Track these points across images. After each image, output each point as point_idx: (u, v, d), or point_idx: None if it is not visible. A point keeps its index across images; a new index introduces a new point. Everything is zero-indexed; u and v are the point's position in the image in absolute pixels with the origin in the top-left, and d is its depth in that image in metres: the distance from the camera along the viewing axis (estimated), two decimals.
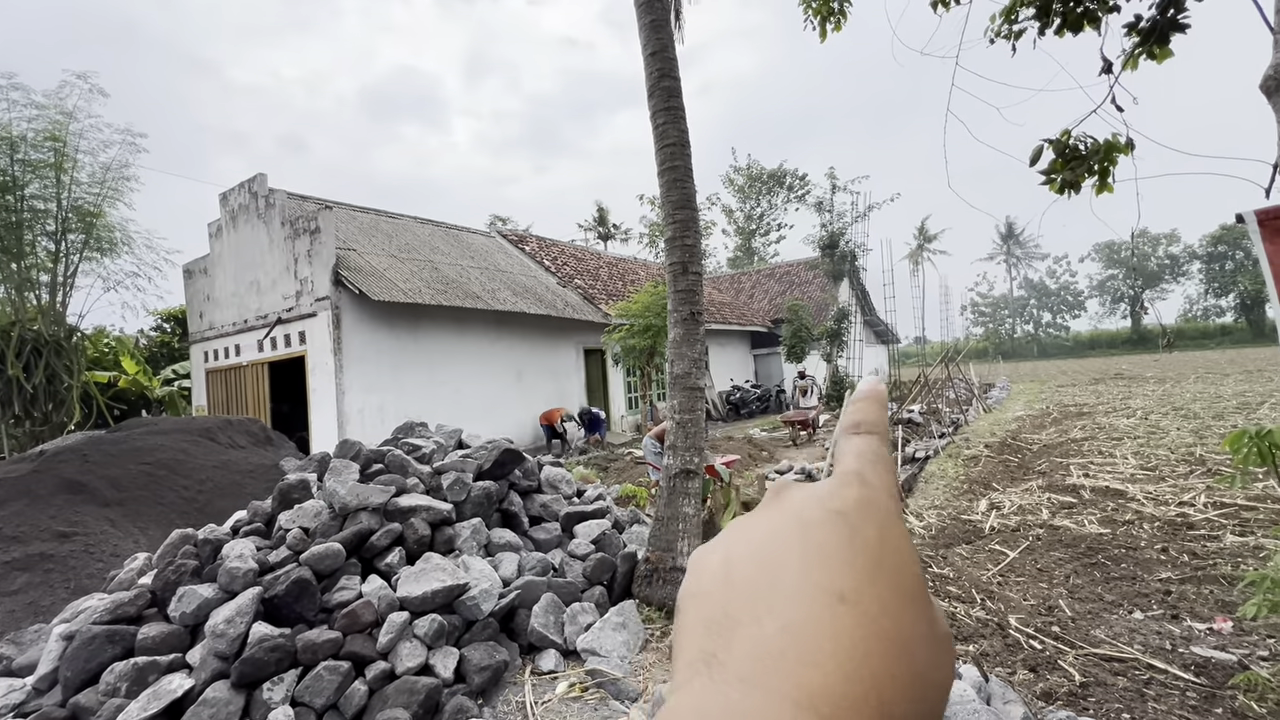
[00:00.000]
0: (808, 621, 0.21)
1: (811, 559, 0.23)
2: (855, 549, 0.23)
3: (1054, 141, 3.37)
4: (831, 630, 0.21)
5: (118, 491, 5.95)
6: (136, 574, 4.03)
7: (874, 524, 0.24)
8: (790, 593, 0.23)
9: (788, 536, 0.25)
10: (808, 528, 0.25)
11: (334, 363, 10.38)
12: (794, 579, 0.23)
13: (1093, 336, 69.25)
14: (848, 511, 0.25)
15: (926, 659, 0.22)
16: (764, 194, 42.51)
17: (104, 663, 3.03)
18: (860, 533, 0.24)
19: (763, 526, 0.26)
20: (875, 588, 0.22)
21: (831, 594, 0.22)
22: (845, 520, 0.24)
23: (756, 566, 0.24)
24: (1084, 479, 7.12)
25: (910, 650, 0.22)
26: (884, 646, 0.21)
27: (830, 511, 0.25)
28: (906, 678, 0.21)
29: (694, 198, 4.64)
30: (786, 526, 0.25)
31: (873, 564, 0.23)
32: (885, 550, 0.24)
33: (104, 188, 12.64)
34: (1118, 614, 3.82)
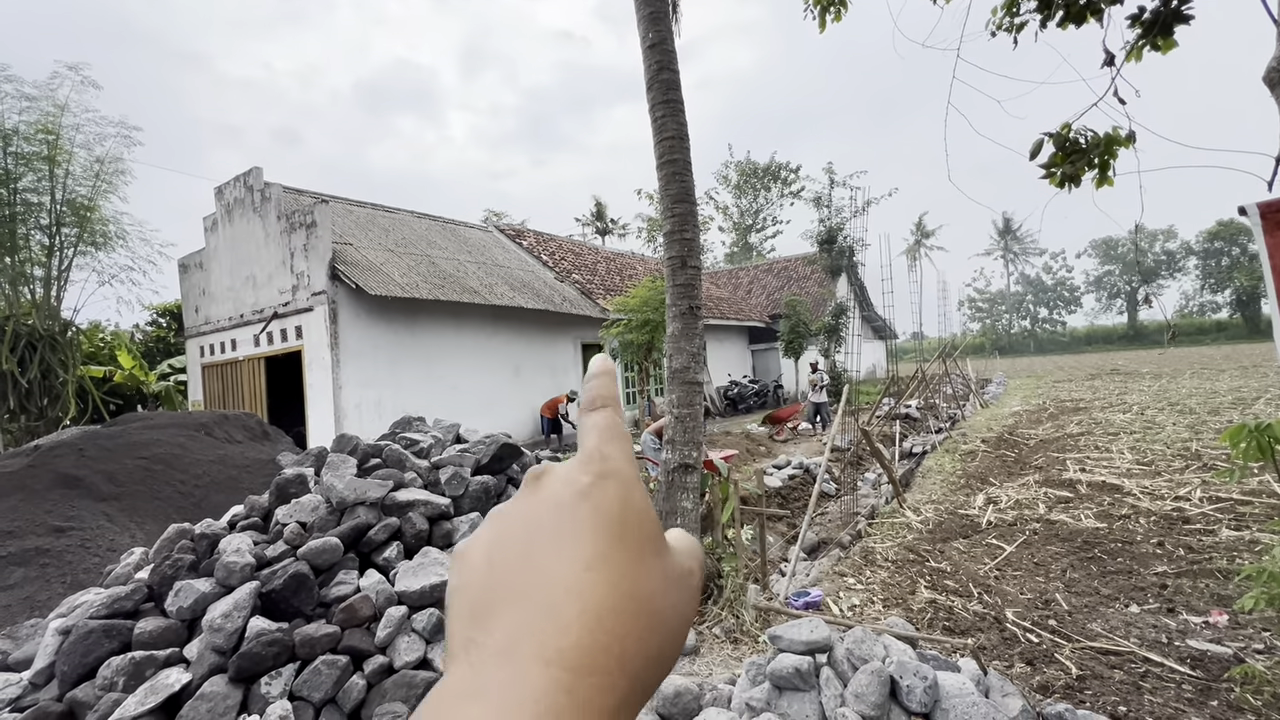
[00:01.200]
0: (558, 594, 0.24)
1: (562, 538, 0.26)
2: (599, 522, 0.26)
3: (1054, 135, 3.36)
4: (579, 598, 0.24)
5: (114, 486, 5.93)
6: (133, 568, 4.02)
7: (615, 496, 0.27)
8: (543, 571, 0.25)
9: (541, 520, 0.27)
10: (559, 509, 0.27)
11: (331, 357, 10.35)
12: (547, 559, 0.25)
13: (1089, 332, 69.47)
14: (592, 488, 0.27)
15: (665, 605, 0.26)
16: (759, 189, 42.48)
17: (101, 657, 3.02)
18: (602, 507, 0.27)
19: (521, 514, 0.28)
20: (617, 554, 0.26)
21: (579, 566, 0.25)
22: (589, 497, 0.27)
23: (514, 552, 0.27)
24: (1080, 474, 7.15)
25: (649, 603, 0.25)
26: (625, 604, 0.24)
27: (577, 492, 0.27)
28: (646, 627, 0.24)
29: (693, 192, 4.62)
30: (541, 511, 0.28)
31: (615, 533, 0.26)
32: (626, 517, 0.27)
33: (98, 181, 12.55)
34: (1114, 607, 3.84)
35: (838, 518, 6.62)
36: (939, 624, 3.77)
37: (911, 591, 4.31)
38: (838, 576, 4.70)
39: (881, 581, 4.53)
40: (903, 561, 4.89)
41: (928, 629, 3.67)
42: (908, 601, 4.15)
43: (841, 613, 4.01)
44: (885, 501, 6.76)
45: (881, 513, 6.33)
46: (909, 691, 2.16)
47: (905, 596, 4.25)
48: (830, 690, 2.27)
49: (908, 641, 2.66)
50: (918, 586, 4.36)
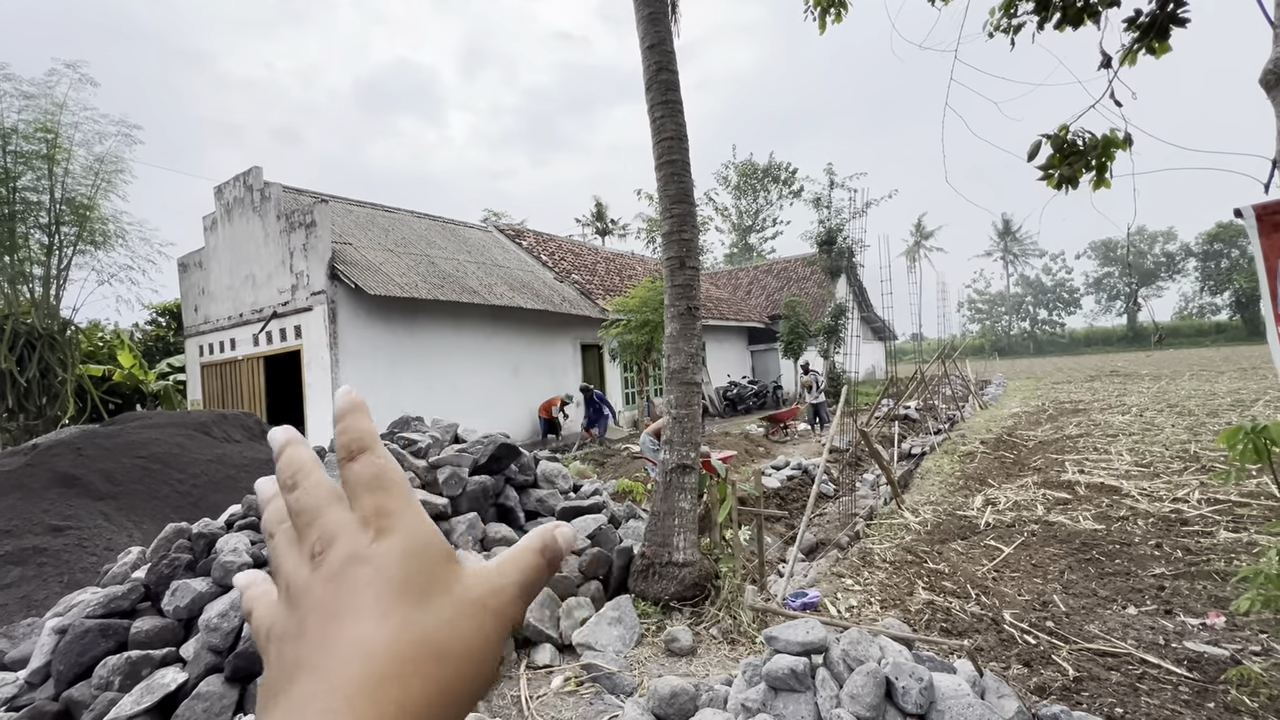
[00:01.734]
0: (348, 661, 0.25)
1: (351, 607, 0.27)
2: (379, 584, 0.27)
3: (1052, 137, 3.36)
4: (364, 663, 0.25)
5: (112, 485, 5.92)
6: (130, 568, 4.02)
7: (393, 552, 0.28)
8: (335, 642, 0.26)
9: (334, 594, 0.28)
10: (337, 582, 0.28)
11: (330, 357, 10.35)
12: (338, 630, 0.26)
13: (1088, 334, 69.50)
14: (369, 553, 0.28)
15: (450, 632, 0.27)
16: (759, 190, 42.50)
17: (97, 656, 3.02)
18: (381, 568, 0.28)
19: (308, 589, 0.29)
20: (400, 605, 0.27)
21: (364, 631, 0.26)
22: (367, 563, 0.28)
23: (315, 622, 0.27)
24: (1079, 475, 7.15)
25: (436, 646, 0.26)
26: (408, 652, 0.26)
27: (356, 561, 0.28)
28: (433, 666, 0.26)
29: (691, 192, 4.62)
30: (324, 586, 0.28)
31: (395, 590, 0.27)
32: (407, 569, 0.28)
33: (97, 180, 12.54)
34: (1111, 609, 3.84)
35: (836, 518, 6.62)
36: (936, 625, 3.77)
37: (909, 593, 4.31)
38: (836, 577, 4.69)
39: (879, 582, 4.53)
40: (901, 562, 4.88)
41: (925, 630, 3.67)
42: (905, 603, 4.15)
43: (839, 614, 4.01)
44: (884, 502, 6.76)
45: (880, 514, 6.33)
46: (904, 693, 2.16)
47: (903, 597, 4.25)
48: (826, 691, 2.27)
49: (904, 642, 2.66)
50: (915, 587, 4.36)
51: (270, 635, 0.29)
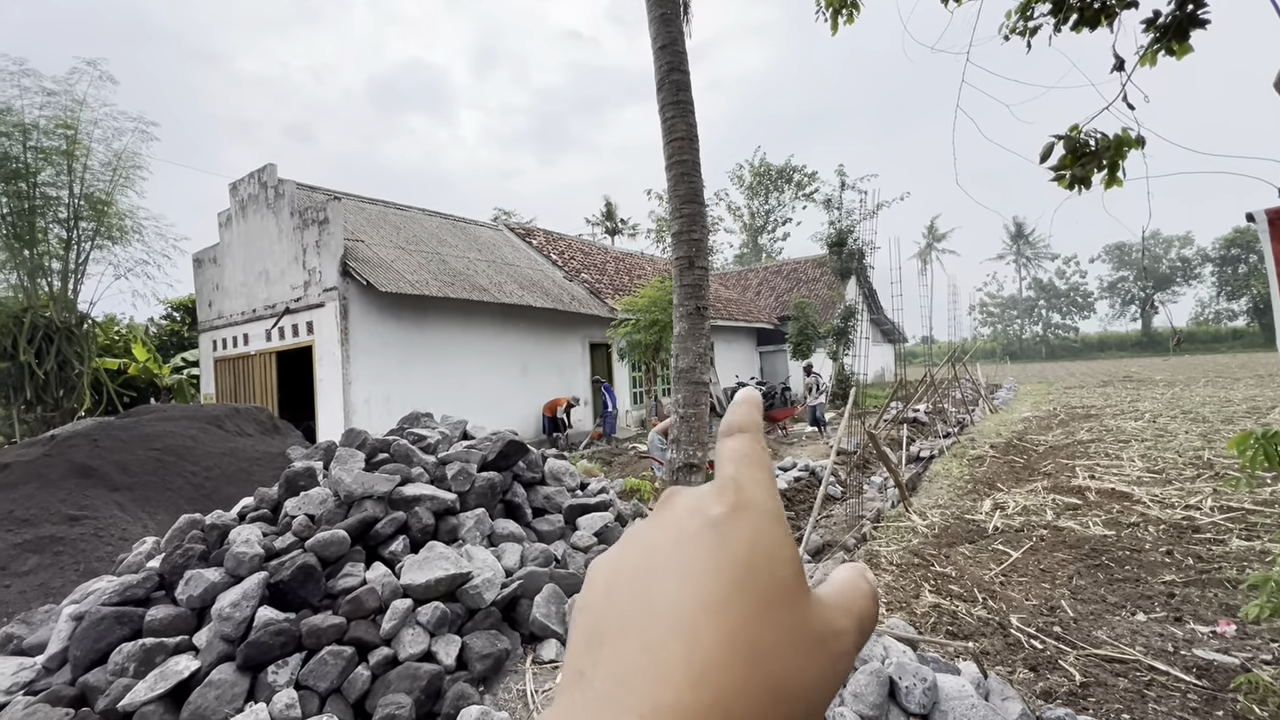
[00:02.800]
0: (668, 638, 0.22)
1: (683, 575, 0.24)
2: (723, 560, 0.24)
3: (1065, 137, 3.34)
4: (687, 645, 0.22)
5: (127, 476, 6.02)
6: (145, 557, 4.08)
7: (745, 532, 0.25)
8: (657, 609, 0.24)
9: (665, 551, 0.26)
10: (683, 542, 0.25)
11: (341, 353, 10.44)
12: (663, 596, 0.24)
13: (1102, 338, 68.72)
14: (720, 521, 0.25)
15: (791, 664, 0.23)
16: (772, 191, 42.37)
17: (112, 643, 3.08)
18: (730, 543, 0.25)
19: (648, 538, 0.27)
20: (739, 599, 0.23)
21: (694, 609, 0.23)
22: (717, 531, 0.25)
23: (634, 582, 0.25)
24: (1090, 481, 7.09)
25: (770, 659, 0.22)
26: (739, 658, 0.22)
27: (704, 524, 0.26)
28: (761, 688, 0.22)
29: (701, 192, 4.63)
30: (666, 540, 0.26)
31: (739, 576, 0.24)
32: (755, 558, 0.24)
33: (115, 175, 12.72)
34: (1120, 615, 3.81)
35: (843, 520, 6.60)
36: (942, 628, 3.76)
37: (915, 595, 4.30)
38: None
39: (885, 585, 4.52)
40: (907, 565, 4.87)
41: (930, 633, 3.66)
42: (911, 605, 4.14)
43: None
44: (891, 505, 6.74)
45: (887, 516, 6.32)
46: (908, 692, 2.16)
47: (909, 600, 4.24)
48: None
49: (908, 643, 2.66)
50: (922, 591, 4.35)
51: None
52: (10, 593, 4.51)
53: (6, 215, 11.66)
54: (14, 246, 11.77)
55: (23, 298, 11.97)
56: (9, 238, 11.70)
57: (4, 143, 11.45)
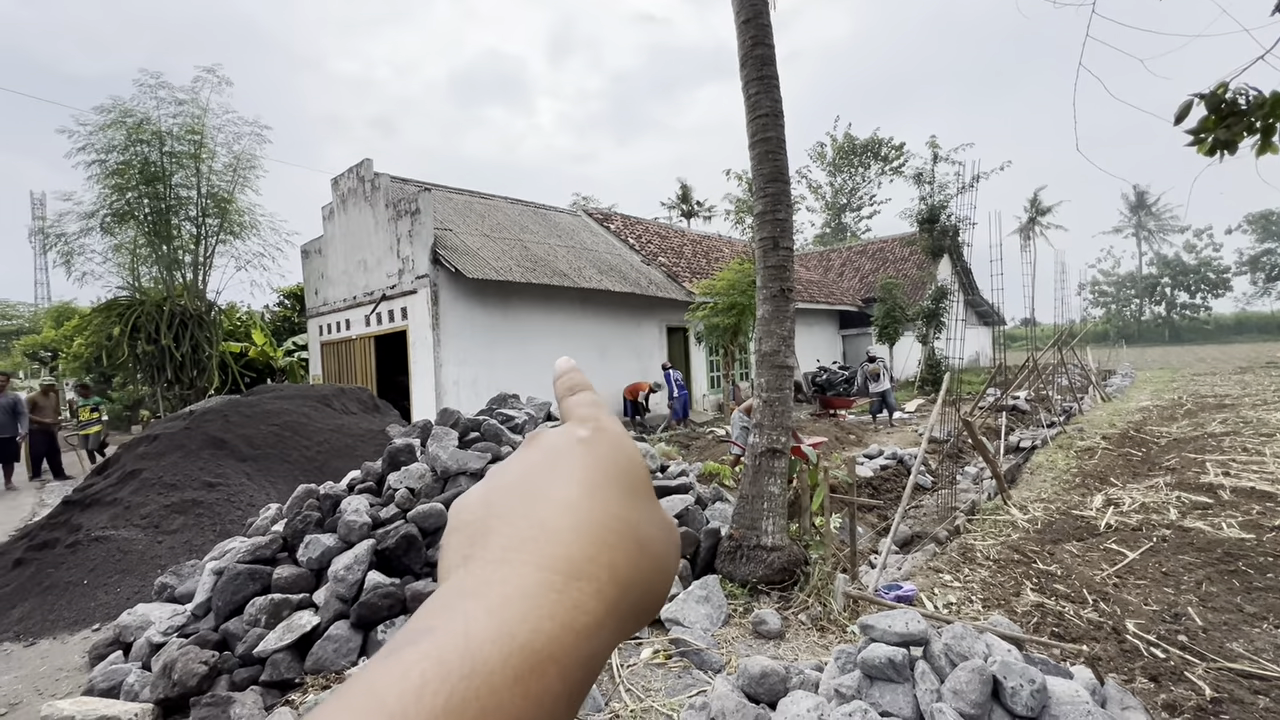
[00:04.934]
0: (555, 514, 0.27)
1: (561, 473, 0.29)
2: (592, 463, 0.29)
3: (1206, 96, 2.97)
4: (573, 518, 0.26)
5: (252, 448, 6.66)
6: (270, 522, 4.52)
7: (609, 444, 0.31)
8: (540, 496, 0.28)
9: (541, 464, 0.30)
10: (557, 454, 0.30)
11: (432, 337, 11.02)
12: (546, 489, 0.28)
13: (1239, 319, 61.12)
14: (587, 437, 0.31)
15: (649, 533, 0.29)
16: (856, 166, 40.44)
17: (247, 596, 3.44)
18: (596, 451, 0.30)
19: (519, 461, 0.31)
20: (610, 487, 0.28)
21: (575, 494, 0.27)
22: (585, 443, 0.31)
23: (513, 489, 0.29)
24: (1224, 478, 6.37)
25: (639, 532, 0.28)
26: (617, 526, 0.27)
27: (574, 441, 0.31)
28: (635, 549, 0.27)
29: (786, 171, 4.49)
30: (539, 458, 0.30)
31: (609, 471, 0.29)
32: (618, 459, 0.30)
33: (235, 175, 13.95)
34: (1261, 628, 3.43)
35: (933, 511, 6.30)
36: (1046, 629, 3.53)
37: (1015, 593, 4.05)
38: (932, 572, 4.49)
39: (981, 580, 4.29)
40: (1006, 561, 4.60)
41: (1034, 633, 3.44)
42: (1011, 603, 3.91)
43: (936, 609, 3.84)
44: (988, 497, 6.36)
45: (983, 509, 5.97)
46: (1014, 693, 2.05)
47: (1008, 598, 4.00)
48: (926, 684, 2.19)
49: (1013, 642, 2.51)
50: (1023, 588, 4.09)
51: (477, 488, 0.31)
52: (162, 548, 5.14)
53: (148, 214, 13.08)
54: (154, 242, 13.20)
55: (162, 288, 13.44)
56: (150, 235, 13.13)
57: (145, 150, 12.82)
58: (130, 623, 3.69)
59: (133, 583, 4.72)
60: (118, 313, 12.62)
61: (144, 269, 13.59)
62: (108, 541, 5.05)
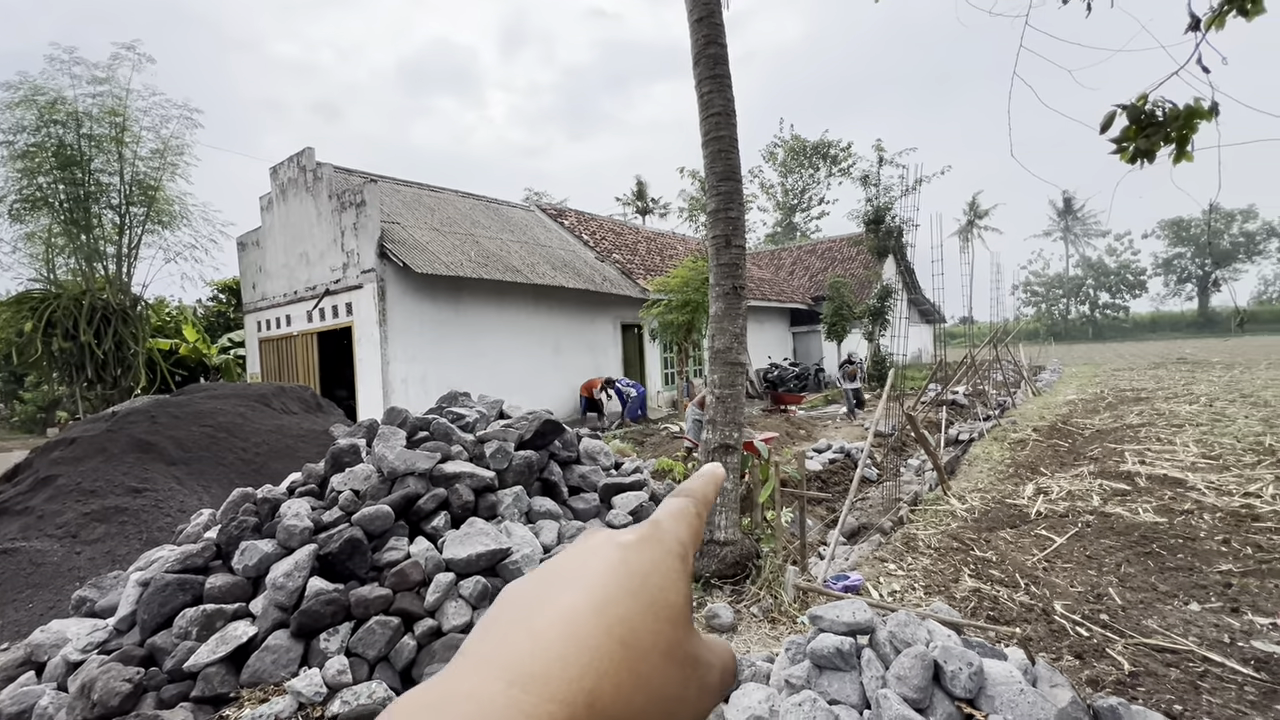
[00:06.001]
0: (555, 624, 0.24)
1: (580, 580, 0.27)
2: (621, 572, 0.27)
3: (1128, 107, 3.16)
4: (569, 630, 0.24)
5: (183, 451, 6.30)
6: (202, 528, 4.28)
7: (648, 555, 0.28)
8: (547, 603, 0.26)
9: (571, 565, 0.28)
10: (589, 557, 0.28)
11: (379, 333, 10.68)
12: (558, 594, 0.26)
13: (1154, 318, 65.72)
14: (629, 544, 0.28)
15: (660, 670, 0.25)
16: (806, 167, 41.37)
17: (176, 608, 3.25)
18: (631, 561, 0.27)
19: (560, 559, 0.30)
20: (627, 603, 0.26)
21: (585, 604, 0.25)
22: (623, 550, 0.28)
23: (536, 589, 0.27)
24: (1140, 466, 6.84)
25: (642, 662, 0.25)
26: (613, 648, 0.24)
27: (614, 546, 0.28)
28: (629, 679, 0.24)
29: (738, 170, 4.54)
30: (575, 558, 0.29)
31: (634, 586, 0.26)
32: (651, 576, 0.27)
33: (163, 161, 13.14)
34: (1172, 605, 3.69)
35: (879, 503, 6.52)
36: (983, 613, 3.71)
37: (955, 580, 4.23)
38: (878, 562, 4.64)
39: (923, 568, 4.46)
40: (946, 549, 4.80)
41: (971, 617, 3.61)
42: (950, 589, 4.09)
43: (881, 597, 3.97)
44: (929, 489, 6.63)
45: (925, 500, 6.21)
46: (953, 676, 2.13)
47: (948, 584, 4.18)
48: (871, 671, 2.27)
49: (952, 627, 2.62)
50: (961, 575, 4.28)
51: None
52: (81, 559, 4.80)
53: (64, 201, 12.18)
54: (71, 232, 12.31)
55: (81, 281, 12.54)
56: (66, 223, 12.23)
57: (59, 131, 11.92)
58: (44, 640, 3.43)
59: (47, 597, 4.39)
60: (30, 307, 11.72)
61: (61, 260, 12.66)
62: (17, 554, 4.68)
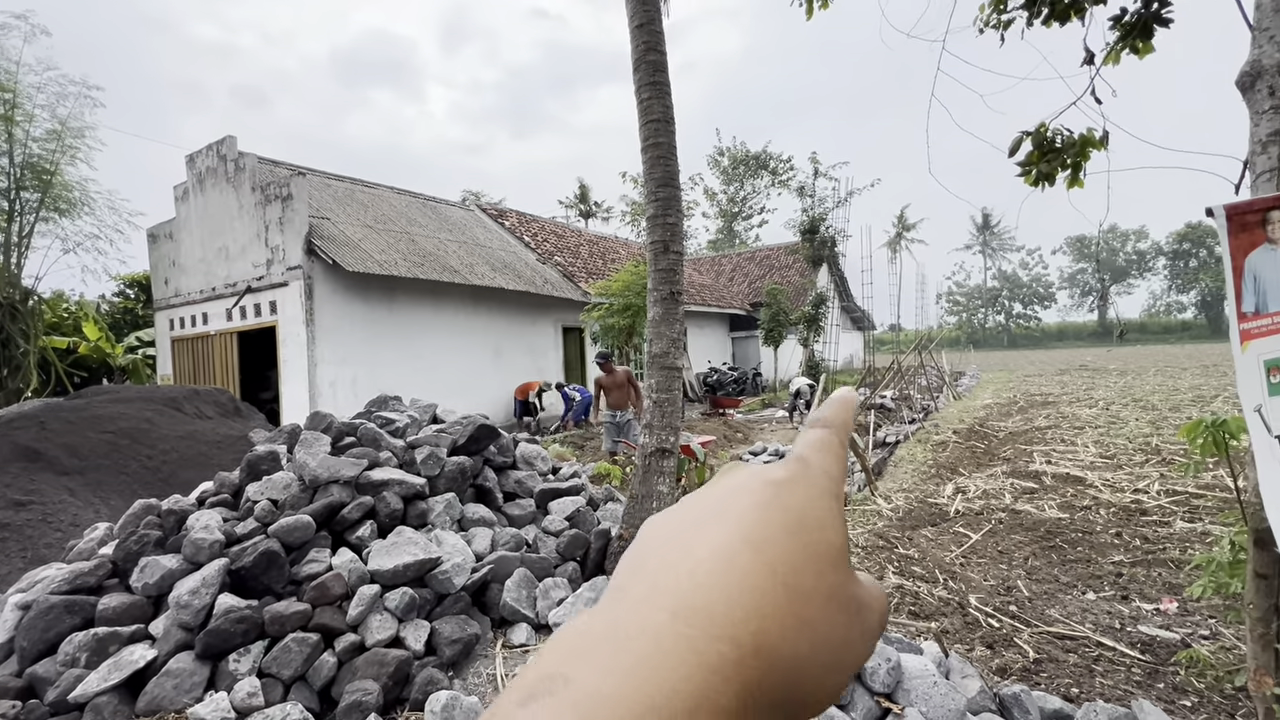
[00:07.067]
0: (711, 559, 0.24)
1: (734, 515, 0.25)
2: (776, 509, 0.25)
3: (1032, 133, 3.40)
4: (728, 567, 0.23)
5: (77, 460, 5.78)
6: (97, 544, 3.93)
7: (801, 493, 0.26)
8: (706, 540, 0.25)
9: (721, 500, 0.27)
10: (739, 493, 0.27)
11: (306, 334, 10.16)
12: (713, 530, 0.25)
13: (1061, 328, 71.12)
14: (780, 481, 0.27)
15: (824, 613, 0.24)
16: (747, 177, 42.41)
17: (62, 633, 2.97)
18: (784, 498, 0.26)
19: (705, 495, 0.28)
20: (786, 543, 0.24)
21: (741, 542, 0.24)
22: (775, 487, 0.27)
23: (684, 523, 0.26)
24: (1046, 466, 7.35)
25: (806, 600, 0.23)
26: (777, 589, 0.23)
27: (764, 482, 0.27)
28: (794, 624, 0.23)
29: (677, 176, 4.59)
30: (723, 493, 0.27)
31: (791, 524, 0.25)
32: (807, 515, 0.26)
33: (60, 143, 12.06)
34: (1072, 594, 3.98)
35: None
36: (905, 608, 3.87)
37: (880, 577, 4.41)
38: None
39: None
40: (873, 548, 4.99)
41: (894, 613, 3.76)
42: None
43: None
44: (858, 489, 6.89)
45: (854, 500, 6.45)
46: (873, 673, 2.22)
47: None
48: None
49: None
50: (886, 572, 4.46)
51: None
52: None
53: None
54: None
55: None
56: None
57: None
58: None
59: None
60: None
61: None
62: None
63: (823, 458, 0.29)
